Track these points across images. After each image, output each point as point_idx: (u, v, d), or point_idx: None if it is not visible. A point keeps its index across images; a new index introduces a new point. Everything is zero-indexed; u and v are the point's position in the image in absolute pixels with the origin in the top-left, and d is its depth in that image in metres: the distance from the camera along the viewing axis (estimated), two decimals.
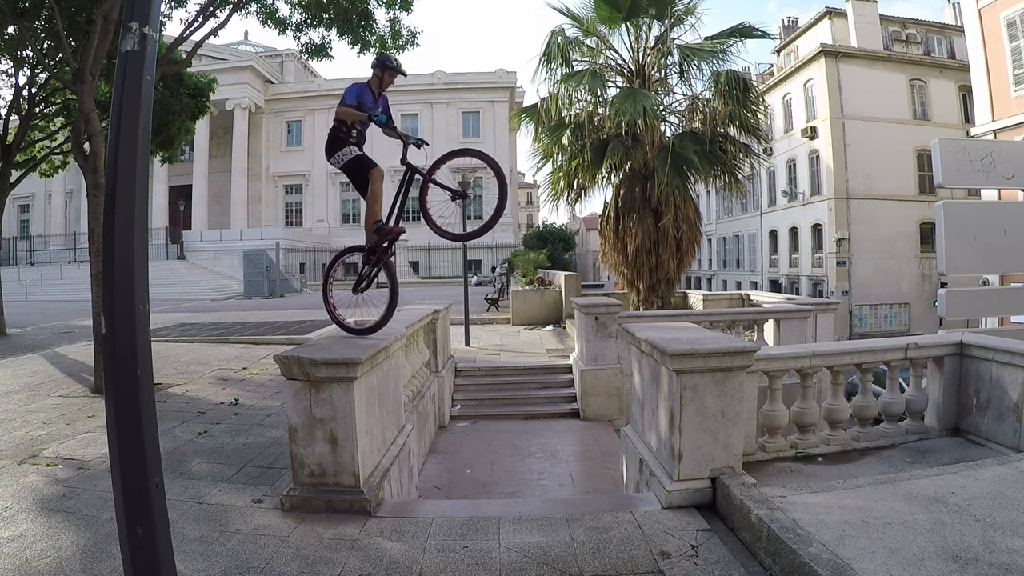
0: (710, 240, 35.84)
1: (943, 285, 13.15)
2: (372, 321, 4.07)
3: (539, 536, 3.10)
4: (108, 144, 1.64)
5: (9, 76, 11.07)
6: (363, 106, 3.81)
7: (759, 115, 11.76)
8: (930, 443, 4.53)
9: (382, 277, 4.11)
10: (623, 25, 11.43)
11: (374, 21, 9.10)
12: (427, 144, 4.02)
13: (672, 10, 11.25)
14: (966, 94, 22.51)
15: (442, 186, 3.90)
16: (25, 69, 10.72)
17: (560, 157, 11.99)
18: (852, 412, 4.55)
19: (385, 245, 3.98)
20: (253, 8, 9.11)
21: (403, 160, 3.93)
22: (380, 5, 9.03)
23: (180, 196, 39.86)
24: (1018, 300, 7.75)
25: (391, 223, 3.98)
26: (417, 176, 3.97)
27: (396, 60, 4.01)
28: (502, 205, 3.70)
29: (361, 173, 3.91)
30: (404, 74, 4.04)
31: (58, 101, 11.98)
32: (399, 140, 3.88)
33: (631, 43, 11.70)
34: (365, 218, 3.99)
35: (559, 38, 11.42)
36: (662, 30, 11.51)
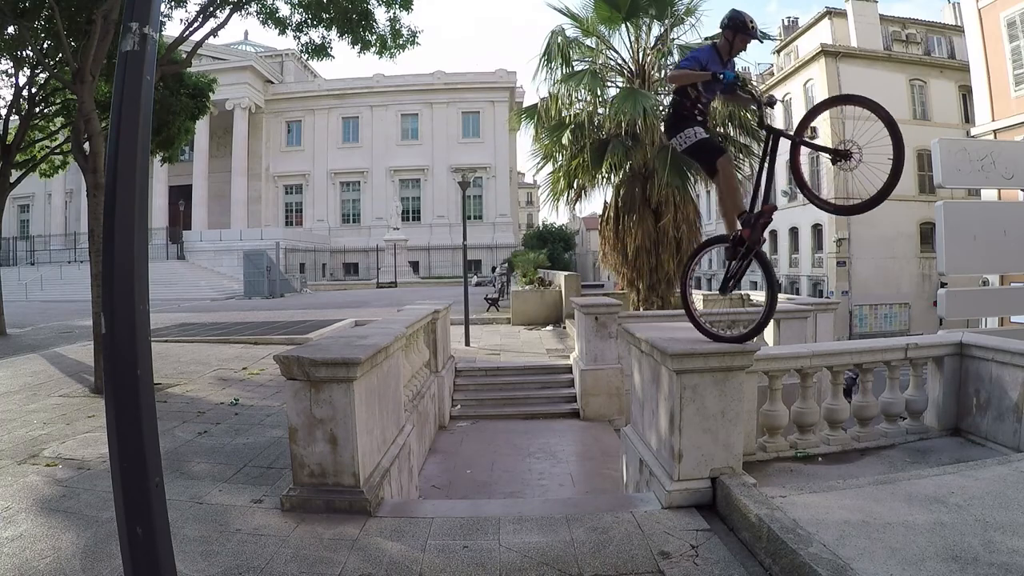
0: None
1: (943, 285, 13.14)
2: (744, 329, 3.56)
3: (539, 536, 3.10)
4: (108, 144, 1.63)
5: (9, 76, 11.08)
6: (707, 68, 3.33)
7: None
8: (930, 443, 4.53)
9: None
10: (623, 25, 11.42)
11: (374, 21, 9.10)
12: (779, 101, 3.49)
13: (672, 10, 11.24)
14: (966, 94, 22.52)
15: (815, 146, 3.31)
16: (25, 69, 10.72)
17: (560, 157, 11.99)
18: (852, 412, 4.55)
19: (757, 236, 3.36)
20: (253, 8, 9.11)
21: (761, 124, 3.41)
22: (380, 4, 9.03)
23: (180, 196, 39.82)
24: (1018, 300, 7.76)
25: (760, 202, 3.32)
26: (783, 139, 3.30)
27: (752, 21, 3.34)
28: (899, 167, 2.85)
29: (708, 159, 3.48)
30: (760, 39, 3.50)
31: (58, 101, 11.97)
32: (752, 104, 3.39)
33: (631, 43, 11.71)
34: (724, 210, 3.47)
35: (559, 38, 11.41)
36: (662, 30, 11.51)
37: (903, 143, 2.80)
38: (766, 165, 3.33)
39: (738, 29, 3.32)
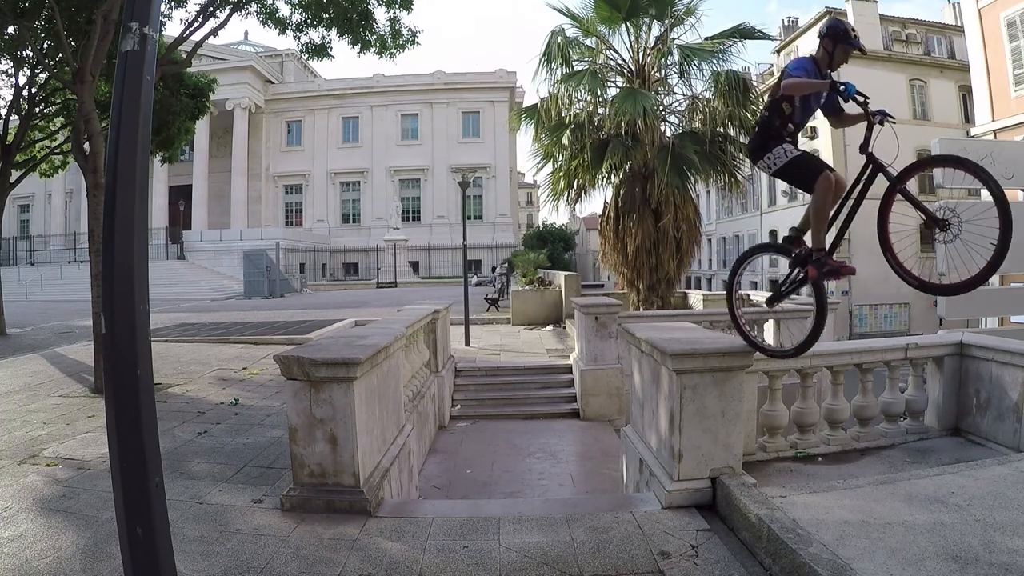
0: (710, 240, 35.83)
1: None
2: (792, 344, 3.47)
3: (539, 536, 3.10)
4: (108, 144, 1.63)
5: (9, 76, 11.08)
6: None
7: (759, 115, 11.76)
8: (930, 443, 4.53)
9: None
10: (623, 25, 11.43)
11: (374, 21, 9.10)
12: (891, 119, 2.89)
13: (672, 10, 11.24)
14: (966, 94, 22.54)
15: (915, 202, 2.77)
16: (25, 69, 10.72)
17: (560, 157, 12.00)
18: (852, 412, 4.55)
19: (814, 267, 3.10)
20: (253, 8, 9.12)
21: (864, 149, 2.87)
22: (380, 4, 9.03)
23: (180, 196, 39.83)
24: (1018, 300, 7.77)
25: (836, 234, 3.06)
26: (882, 177, 2.83)
27: (854, 31, 3.00)
28: (1004, 246, 2.39)
29: (808, 179, 3.00)
30: (863, 50, 3.09)
31: (58, 101, 11.97)
32: (860, 122, 2.94)
33: (631, 43, 11.71)
34: (811, 234, 3.14)
35: (559, 38, 11.41)
36: (662, 30, 11.51)
37: (1011, 219, 2.38)
38: (853, 198, 2.98)
39: (839, 39, 3.01)
